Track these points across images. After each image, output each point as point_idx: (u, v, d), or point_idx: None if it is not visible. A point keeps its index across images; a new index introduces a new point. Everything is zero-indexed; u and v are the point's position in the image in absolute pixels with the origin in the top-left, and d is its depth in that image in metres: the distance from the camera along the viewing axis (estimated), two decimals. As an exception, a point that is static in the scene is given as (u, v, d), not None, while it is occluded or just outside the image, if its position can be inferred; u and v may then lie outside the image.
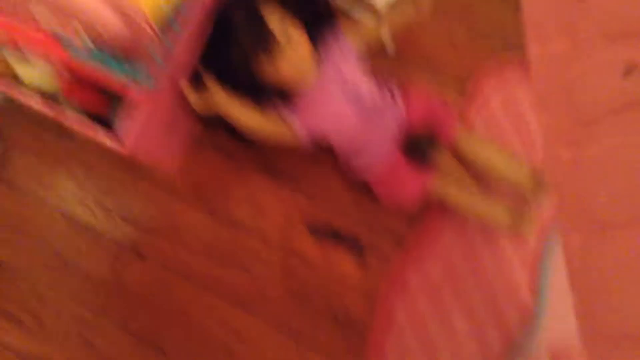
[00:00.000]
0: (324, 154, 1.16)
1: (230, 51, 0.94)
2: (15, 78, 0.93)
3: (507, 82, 1.17)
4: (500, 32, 1.20)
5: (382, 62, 1.20)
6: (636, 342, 0.28)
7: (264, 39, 0.93)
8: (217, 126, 1.08)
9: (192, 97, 0.93)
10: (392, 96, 1.06)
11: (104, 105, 0.96)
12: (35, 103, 0.90)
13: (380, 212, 1.15)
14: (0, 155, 1.20)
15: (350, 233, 1.15)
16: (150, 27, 0.78)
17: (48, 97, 0.93)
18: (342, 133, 1.03)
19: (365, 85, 1.02)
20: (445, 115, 1.07)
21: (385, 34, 1.11)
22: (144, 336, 1.14)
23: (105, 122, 0.97)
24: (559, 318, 1.03)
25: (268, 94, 1.01)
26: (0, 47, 0.88)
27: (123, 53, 0.84)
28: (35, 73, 0.92)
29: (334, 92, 0.99)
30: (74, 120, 0.91)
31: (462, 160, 1.07)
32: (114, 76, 0.80)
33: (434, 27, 1.21)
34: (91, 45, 0.78)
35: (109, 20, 0.74)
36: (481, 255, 1.09)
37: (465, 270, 1.09)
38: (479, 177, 1.08)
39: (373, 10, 1.07)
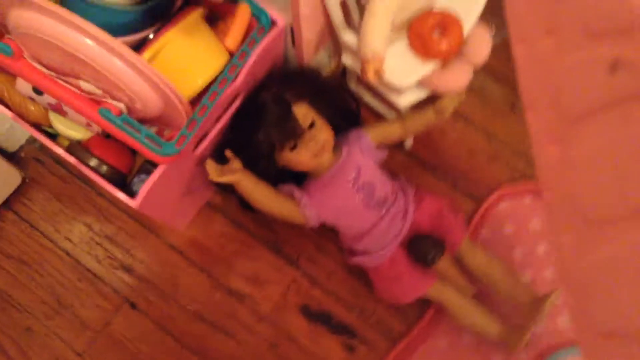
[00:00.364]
0: (331, 240, 1.18)
1: (255, 131, 0.98)
2: (48, 122, 0.98)
3: (522, 203, 1.18)
4: (524, 154, 1.22)
5: (400, 157, 1.23)
6: (628, 340, 0.28)
7: (289, 127, 0.97)
8: (231, 194, 1.11)
9: (211, 166, 0.97)
10: (405, 194, 1.08)
11: (127, 161, 1.00)
12: (60, 149, 0.94)
13: (377, 305, 1.15)
14: (20, 185, 1.25)
15: (343, 321, 1.15)
16: (183, 104, 0.82)
17: (75, 144, 0.97)
18: (348, 223, 1.05)
19: (378, 179, 1.04)
20: (454, 222, 1.08)
21: (408, 135, 1.14)
22: (121, 389, 1.13)
23: (124, 176, 1.01)
24: None
25: (283, 173, 1.04)
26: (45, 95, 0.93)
27: (151, 121, 0.89)
28: (67, 121, 0.96)
29: (347, 185, 1.02)
30: (92, 171, 0.94)
31: (464, 269, 1.07)
32: (139, 139, 0.84)
33: (457, 134, 1.24)
34: (125, 112, 0.82)
35: (147, 94, 0.79)
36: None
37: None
38: (479, 288, 1.08)
39: (396, 109, 1.11)
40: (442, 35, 0.96)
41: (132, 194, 0.94)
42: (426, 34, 0.96)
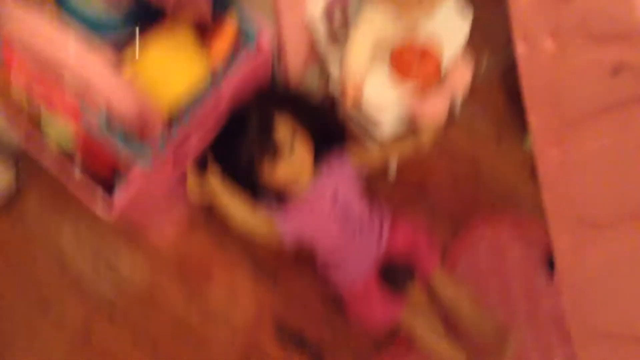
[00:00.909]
0: (307, 260, 1.19)
1: (237, 147, 1.01)
2: (40, 129, 1.02)
3: (500, 234, 1.19)
4: (505, 186, 1.23)
5: (382, 184, 1.24)
6: (624, 340, 0.28)
7: (270, 142, 0.99)
8: (213, 208, 1.13)
9: (190, 180, 0.99)
10: (381, 221, 1.09)
11: (111, 172, 1.04)
12: (47, 158, 0.98)
13: (349, 329, 1.16)
14: (17, 189, 1.29)
15: (314, 342, 1.16)
16: (161, 119, 0.85)
17: (65, 153, 1.01)
18: (323, 242, 1.06)
19: (356, 205, 1.06)
20: (428, 251, 1.09)
21: (390, 161, 1.16)
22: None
23: (109, 184, 1.04)
24: None
25: (262, 191, 1.06)
26: (35, 101, 0.97)
27: (131, 133, 0.92)
28: (58, 129, 1.00)
29: (323, 207, 1.03)
30: (76, 180, 0.98)
31: (434, 298, 1.08)
32: (118, 151, 0.87)
33: (442, 163, 1.26)
34: (105, 122, 0.86)
35: (126, 106, 0.82)
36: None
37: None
38: (448, 318, 1.08)
39: (379, 138, 1.13)
40: (422, 65, 0.98)
41: (112, 204, 0.97)
42: (406, 63, 0.98)
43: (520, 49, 0.29)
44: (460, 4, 1.09)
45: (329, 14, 0.99)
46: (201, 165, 1.03)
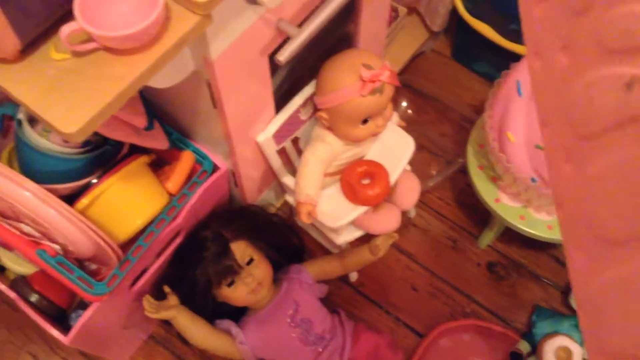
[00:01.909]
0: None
1: (193, 267, 1.02)
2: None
3: (461, 339, 1.20)
4: (464, 292, 1.26)
5: (345, 289, 1.26)
6: None
7: (226, 265, 1.01)
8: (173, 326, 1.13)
9: (147, 302, 1.00)
10: (343, 333, 1.10)
11: (67, 296, 1.04)
12: (3, 282, 0.98)
13: None
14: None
15: None
16: (113, 248, 0.87)
17: (19, 278, 1.01)
18: (284, 358, 1.06)
19: (317, 319, 1.07)
20: (390, 358, 1.09)
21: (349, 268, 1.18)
22: None
23: (64, 311, 1.04)
24: None
25: (222, 307, 1.07)
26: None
27: (90, 259, 0.93)
28: (13, 256, 1.01)
29: (284, 318, 1.04)
30: (33, 305, 0.98)
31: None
32: (72, 280, 0.88)
33: (400, 270, 1.29)
34: (60, 253, 0.87)
35: (78, 240, 0.84)
36: None
37: None
38: None
39: (337, 245, 1.16)
40: (371, 183, 1.03)
41: (69, 328, 0.96)
42: (355, 181, 1.03)
43: (533, 64, 0.28)
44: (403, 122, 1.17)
45: (280, 136, 1.05)
46: (159, 290, 1.04)
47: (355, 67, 0.94)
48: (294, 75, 1.12)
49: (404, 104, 1.42)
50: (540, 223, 1.09)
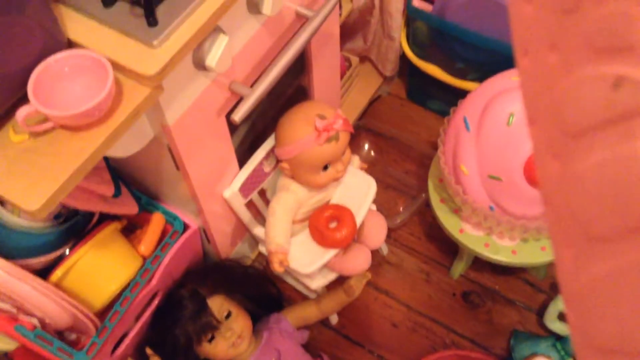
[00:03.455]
0: None
1: (173, 327, 1.04)
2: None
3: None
4: (442, 323, 1.29)
5: (326, 332, 1.28)
6: (628, 358, 0.26)
7: (205, 321, 1.03)
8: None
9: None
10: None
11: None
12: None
13: None
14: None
15: None
16: (89, 318, 0.89)
17: (1, 355, 1.02)
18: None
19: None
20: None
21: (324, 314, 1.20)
22: None
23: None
24: None
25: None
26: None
27: (68, 329, 0.95)
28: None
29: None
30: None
31: None
32: (52, 352, 0.89)
33: (378, 308, 1.31)
34: (38, 326, 0.89)
35: (54, 313, 0.86)
36: None
37: None
38: None
39: (313, 289, 1.18)
40: (338, 226, 1.07)
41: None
42: (323, 226, 1.06)
43: (522, 63, 0.28)
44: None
45: (247, 190, 1.09)
46: (141, 353, 1.06)
47: (309, 118, 0.99)
48: (256, 129, 1.17)
49: (367, 146, 1.47)
50: (504, 249, 1.13)
